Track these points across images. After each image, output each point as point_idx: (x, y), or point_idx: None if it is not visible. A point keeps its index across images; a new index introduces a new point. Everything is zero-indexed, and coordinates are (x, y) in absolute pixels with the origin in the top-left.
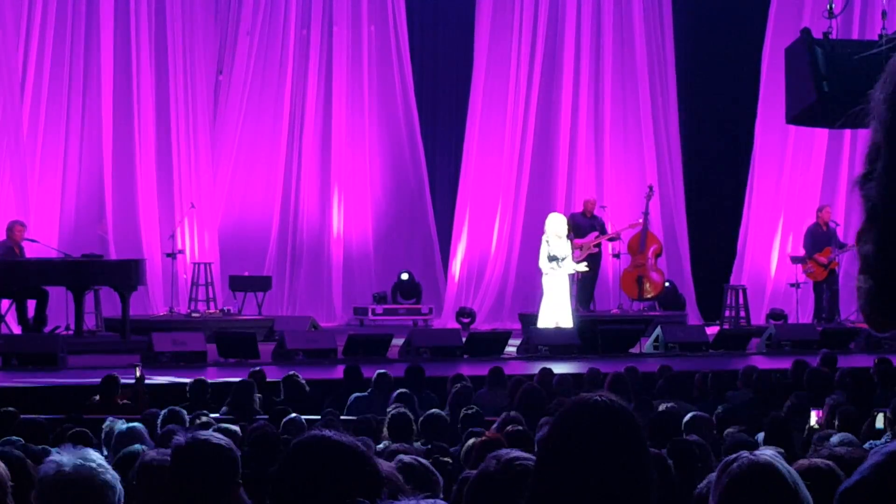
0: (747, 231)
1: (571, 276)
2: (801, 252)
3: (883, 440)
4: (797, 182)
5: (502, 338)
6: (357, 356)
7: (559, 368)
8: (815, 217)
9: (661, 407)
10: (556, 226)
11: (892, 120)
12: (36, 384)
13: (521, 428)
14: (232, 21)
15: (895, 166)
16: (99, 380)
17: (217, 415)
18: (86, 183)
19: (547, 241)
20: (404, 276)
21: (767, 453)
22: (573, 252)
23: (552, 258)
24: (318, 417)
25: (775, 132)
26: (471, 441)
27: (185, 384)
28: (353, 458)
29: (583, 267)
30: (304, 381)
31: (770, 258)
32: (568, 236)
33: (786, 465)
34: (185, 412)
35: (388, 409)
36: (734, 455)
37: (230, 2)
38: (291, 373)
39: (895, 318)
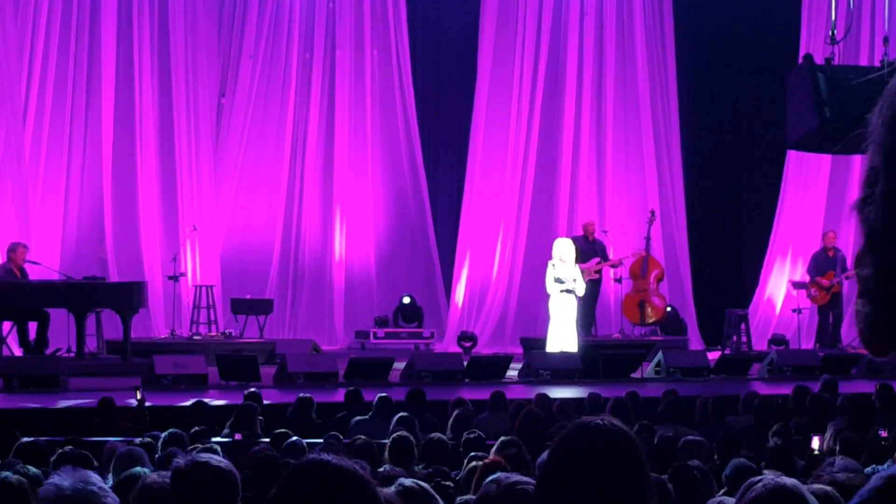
0: (773, 257)
1: (578, 300)
2: (805, 277)
3: (886, 465)
4: (806, 207)
5: (504, 362)
6: (358, 380)
7: (561, 393)
8: (821, 242)
9: (659, 434)
10: (562, 250)
11: (890, 143)
12: (37, 406)
13: (515, 450)
14: (235, 44)
15: (894, 190)
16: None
17: (218, 438)
18: (88, 205)
19: (553, 265)
20: (406, 300)
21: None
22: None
23: (558, 280)
24: (321, 441)
25: (802, 158)
26: (472, 465)
27: (186, 407)
28: (352, 482)
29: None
30: (314, 405)
31: (780, 283)
32: (575, 261)
33: (807, 491)
34: (185, 435)
35: (390, 433)
36: (758, 477)
37: (233, 25)
38: (307, 396)
39: (893, 342)
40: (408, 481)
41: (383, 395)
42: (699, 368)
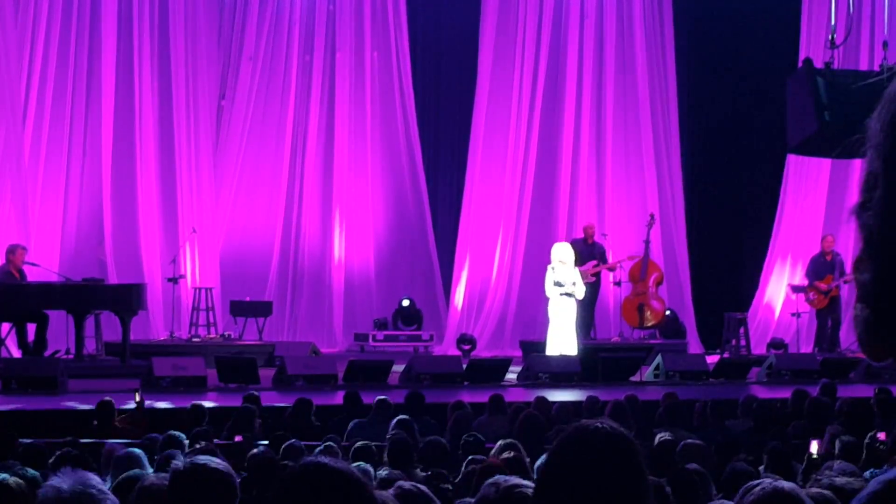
0: (773, 261)
1: (577, 304)
2: (804, 281)
3: (884, 468)
4: (806, 211)
5: (503, 365)
6: (357, 382)
7: (560, 396)
8: (820, 246)
9: (658, 438)
10: (561, 253)
11: (889, 148)
12: (35, 408)
13: (513, 454)
14: (235, 46)
15: (892, 195)
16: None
17: (217, 440)
18: (87, 207)
19: (552, 268)
20: (405, 303)
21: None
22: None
23: (557, 284)
24: (319, 443)
25: (802, 162)
26: (471, 468)
27: (185, 409)
28: (350, 485)
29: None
30: (313, 408)
31: (780, 287)
32: (575, 264)
33: (805, 495)
34: (184, 437)
35: (388, 436)
36: (756, 481)
37: (233, 27)
38: (306, 398)
39: (892, 347)
40: (406, 484)
41: (382, 397)
42: (698, 372)
